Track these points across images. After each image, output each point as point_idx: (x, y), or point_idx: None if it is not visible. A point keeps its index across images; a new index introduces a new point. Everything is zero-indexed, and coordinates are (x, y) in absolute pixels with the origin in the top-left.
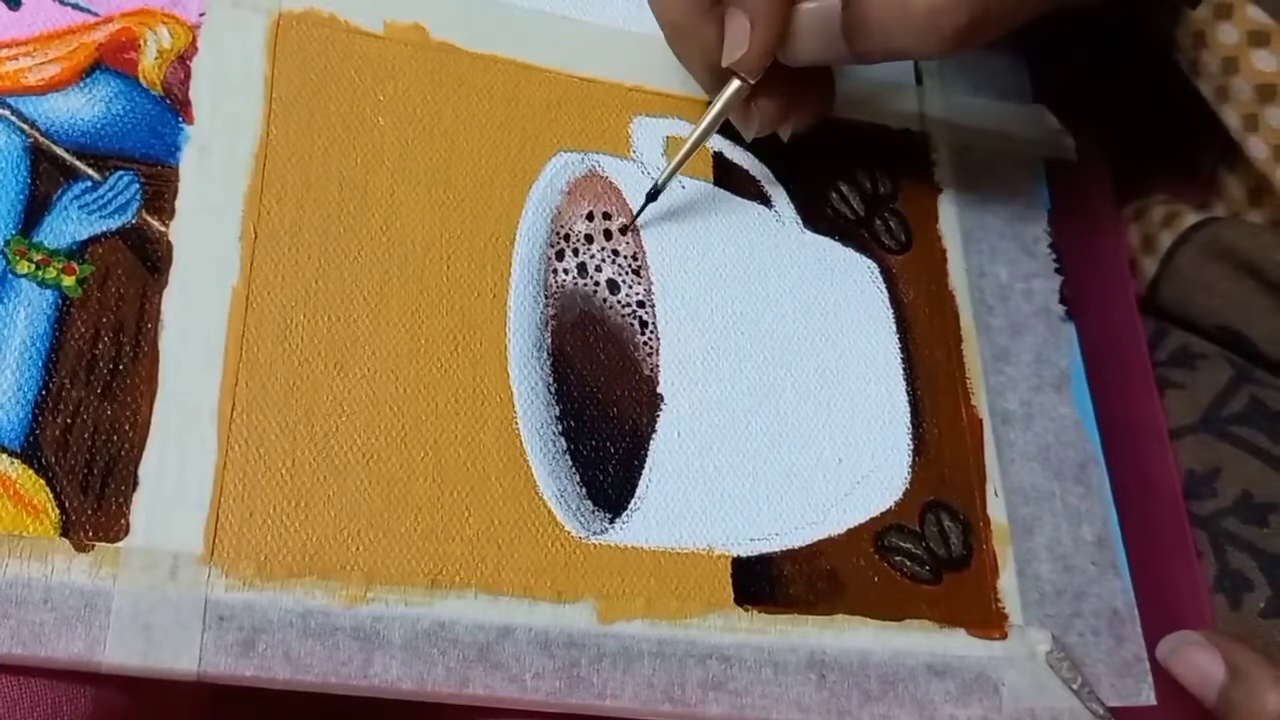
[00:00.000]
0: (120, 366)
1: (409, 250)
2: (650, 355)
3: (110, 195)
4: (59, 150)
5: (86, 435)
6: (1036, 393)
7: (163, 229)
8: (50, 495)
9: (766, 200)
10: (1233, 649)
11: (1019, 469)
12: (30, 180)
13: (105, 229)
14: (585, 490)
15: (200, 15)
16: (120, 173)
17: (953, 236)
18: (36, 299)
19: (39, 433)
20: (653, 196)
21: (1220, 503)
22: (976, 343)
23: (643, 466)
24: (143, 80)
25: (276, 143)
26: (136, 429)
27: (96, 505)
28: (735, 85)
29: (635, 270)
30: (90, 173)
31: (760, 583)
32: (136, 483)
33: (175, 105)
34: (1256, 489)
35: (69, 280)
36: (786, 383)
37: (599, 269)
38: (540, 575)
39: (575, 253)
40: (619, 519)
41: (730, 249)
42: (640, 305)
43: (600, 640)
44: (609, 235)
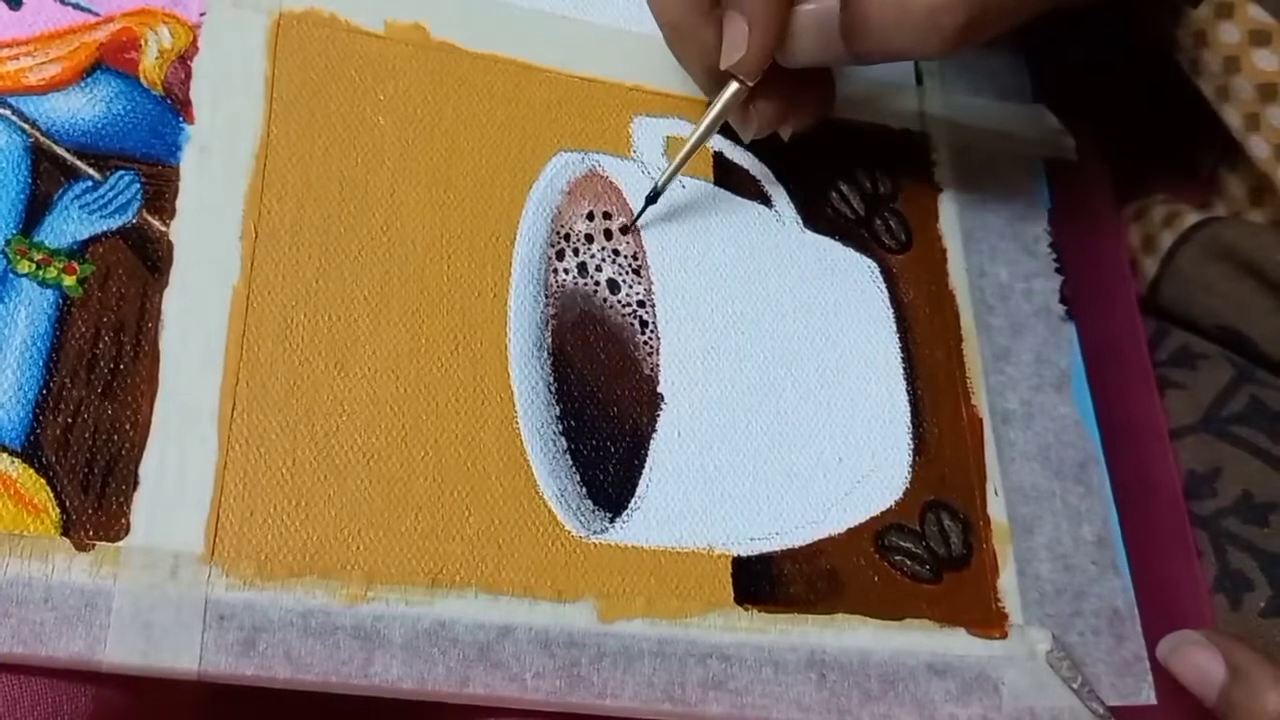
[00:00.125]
0: (121, 366)
1: (409, 250)
2: (650, 355)
3: (111, 195)
4: (60, 150)
5: (87, 435)
6: (1037, 392)
7: (163, 229)
8: (51, 494)
9: (767, 200)
10: (1233, 648)
11: (1019, 468)
12: (31, 180)
13: (106, 228)
14: (585, 490)
15: (201, 15)
16: (121, 172)
17: (953, 236)
18: (37, 298)
19: (40, 432)
20: (653, 199)
21: (1221, 502)
22: (977, 342)
23: (643, 466)
24: (143, 80)
25: (277, 142)
26: (137, 428)
27: (97, 504)
28: (734, 87)
29: (635, 270)
30: (91, 172)
31: (760, 582)
32: (137, 482)
33: (176, 105)
34: (1257, 489)
35: (70, 280)
36: (787, 382)
37: (599, 269)
38: (540, 575)
39: (575, 252)
40: (619, 518)
41: (730, 249)
42: (640, 305)
43: (600, 639)
44: (609, 235)
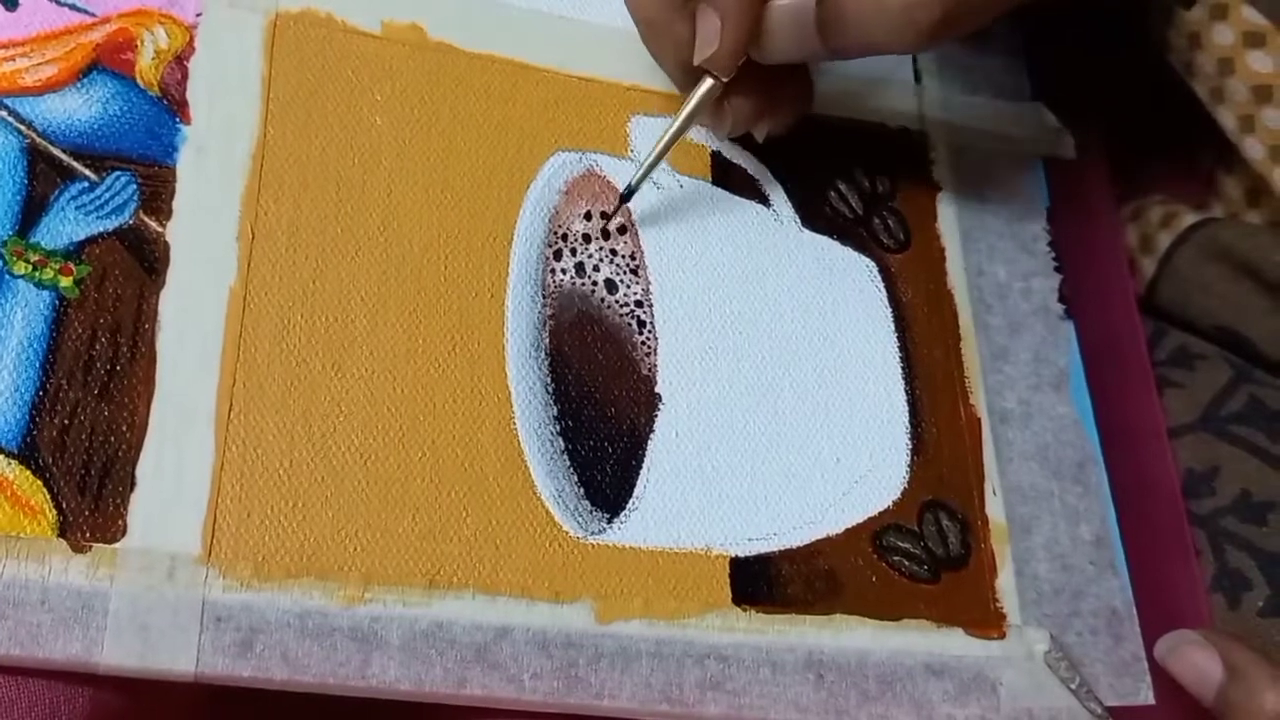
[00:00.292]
0: (118, 367)
1: (406, 250)
2: (648, 355)
3: (107, 196)
4: (56, 151)
5: (84, 436)
6: (1035, 392)
7: (160, 229)
8: (47, 496)
9: (765, 199)
10: (1230, 648)
11: (1017, 468)
12: (27, 181)
13: (102, 229)
14: (583, 490)
15: (197, 15)
16: (117, 173)
17: (951, 235)
18: (34, 300)
19: (36, 433)
20: (626, 197)
21: (1219, 501)
22: (975, 341)
23: (640, 466)
24: (140, 81)
25: (274, 143)
26: (134, 430)
27: (94, 506)
28: (708, 84)
29: (633, 270)
30: (87, 173)
31: (758, 582)
32: (134, 483)
33: (172, 106)
34: (1255, 488)
35: (66, 281)
36: (785, 382)
37: (597, 269)
38: (538, 575)
39: (573, 252)
40: (617, 519)
41: (728, 248)
42: (638, 305)
43: (598, 640)
44: (607, 235)
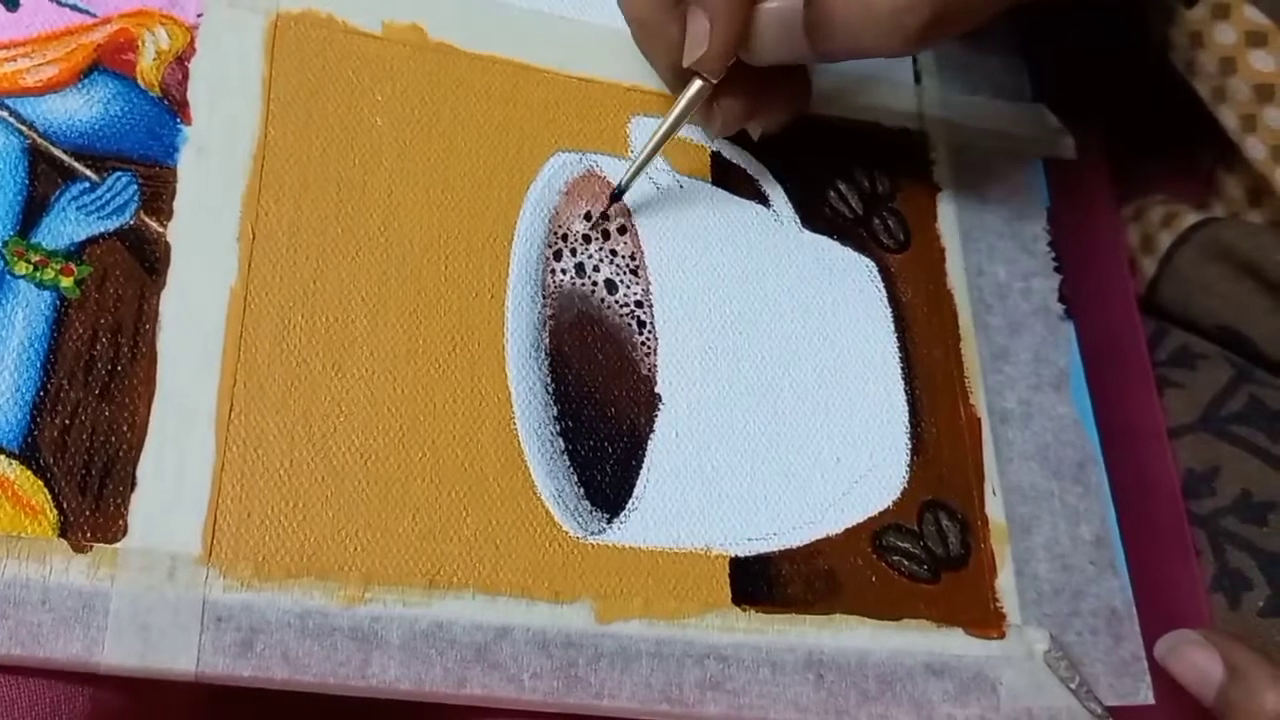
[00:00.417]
0: (118, 367)
1: (407, 250)
2: (648, 355)
3: (108, 196)
4: (57, 151)
5: (85, 436)
6: (1035, 392)
7: (161, 230)
8: (48, 496)
9: (764, 199)
10: (1231, 648)
11: (1017, 468)
12: (28, 181)
13: (103, 230)
14: (583, 490)
15: (198, 16)
16: (118, 174)
17: (951, 235)
18: (34, 300)
19: (37, 434)
20: (617, 196)
21: (1219, 501)
22: (975, 342)
23: (640, 466)
24: (141, 81)
25: (274, 143)
26: (134, 430)
27: (94, 506)
28: (697, 85)
29: (633, 270)
30: (88, 174)
31: (758, 582)
32: (134, 483)
33: (173, 106)
34: (1256, 488)
35: (67, 281)
36: (784, 382)
37: (597, 269)
38: (538, 575)
39: (573, 253)
40: (617, 519)
41: (728, 248)
42: (638, 305)
43: (598, 640)
44: (607, 235)
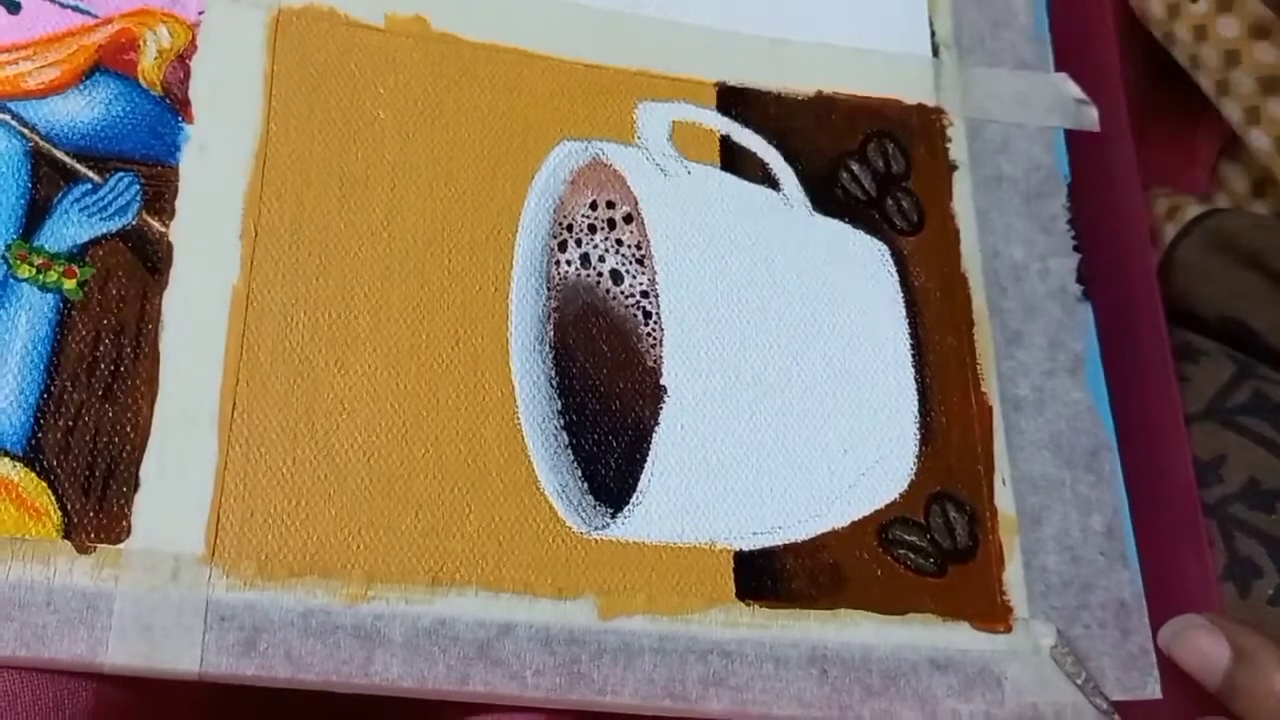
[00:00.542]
0: (121, 368)
1: (410, 245)
2: (654, 347)
3: (111, 197)
4: (59, 154)
5: (88, 437)
6: (1049, 378)
7: (163, 229)
8: (52, 498)
9: (774, 183)
10: (1237, 631)
11: (1029, 457)
12: (31, 184)
13: (106, 231)
14: (587, 485)
15: (199, 13)
16: (120, 174)
17: (966, 215)
18: (38, 303)
19: (41, 436)
20: None
21: (1227, 489)
22: (989, 327)
23: (645, 460)
24: (142, 81)
25: (276, 140)
26: (137, 430)
27: (98, 507)
28: None
29: (639, 260)
30: (90, 175)
31: (762, 577)
32: (138, 484)
33: (175, 105)
34: (1263, 475)
35: (70, 283)
36: (792, 373)
37: (602, 259)
38: (541, 571)
39: (578, 243)
40: (621, 514)
41: (736, 236)
42: (644, 296)
43: (601, 636)
44: (612, 224)
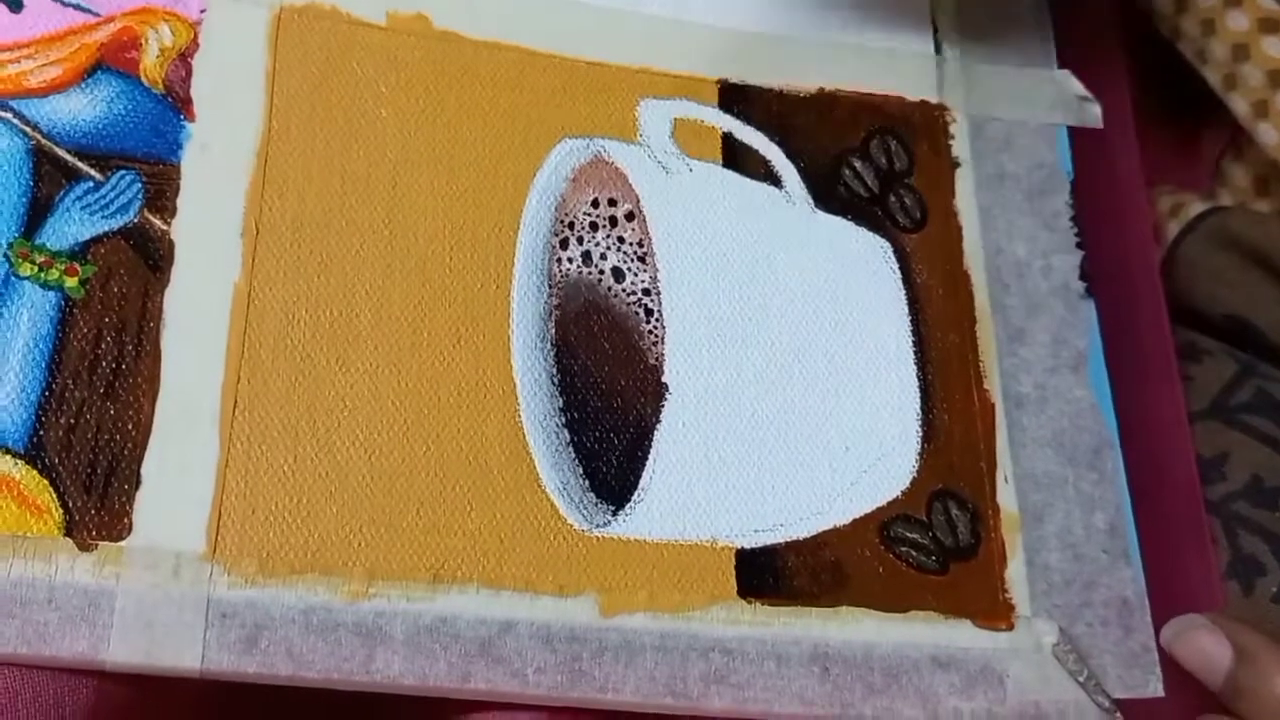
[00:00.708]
0: (122, 366)
1: (411, 242)
2: (655, 344)
3: (112, 195)
4: (61, 152)
5: (89, 435)
6: (1052, 375)
7: (165, 227)
8: (54, 495)
9: (776, 180)
10: (1238, 631)
11: (1031, 454)
12: (32, 182)
13: (107, 229)
14: (588, 482)
15: (201, 12)
16: (122, 172)
17: (969, 212)
18: (39, 301)
19: (42, 434)
20: None
21: (1230, 486)
22: (991, 324)
23: (646, 458)
24: (144, 79)
25: (278, 138)
26: (139, 428)
27: (99, 505)
28: None
29: (640, 257)
30: (92, 173)
31: (764, 575)
32: (139, 482)
33: (177, 103)
34: (1266, 473)
35: (71, 281)
36: (794, 370)
37: (604, 257)
38: (542, 569)
39: (580, 241)
40: (622, 511)
41: (738, 233)
42: (645, 293)
43: (602, 634)
44: (614, 222)
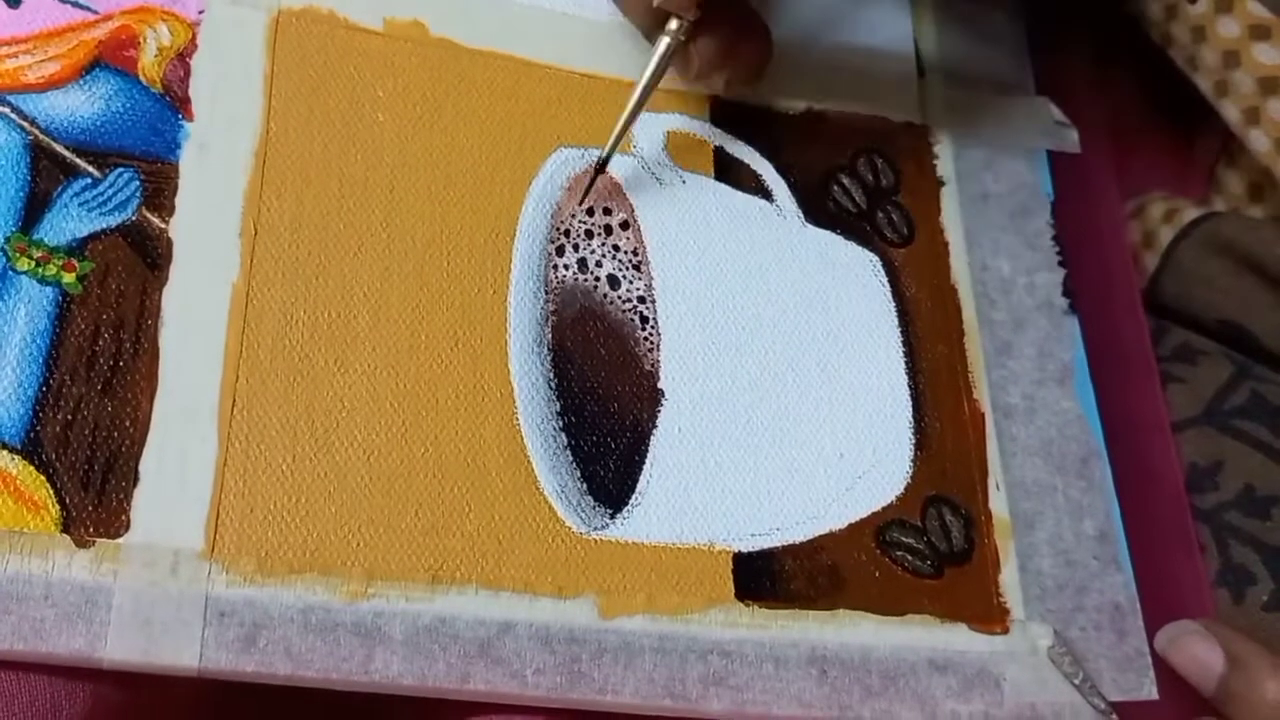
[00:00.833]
0: (120, 363)
1: (409, 246)
2: (651, 350)
3: (110, 192)
4: (59, 147)
5: (87, 431)
6: (1039, 387)
7: (163, 226)
8: (51, 491)
9: (767, 194)
10: (1231, 638)
11: (1021, 463)
12: (30, 177)
13: (105, 226)
14: (586, 486)
15: (200, 12)
16: (120, 170)
17: (955, 229)
18: (37, 296)
19: (40, 429)
20: (601, 168)
21: (1222, 495)
22: (979, 337)
23: (643, 462)
24: (142, 78)
25: (276, 139)
26: (137, 425)
27: (97, 501)
28: (674, 24)
29: (635, 265)
30: (90, 170)
31: (761, 578)
32: (137, 479)
33: (175, 102)
34: (1259, 482)
35: (69, 277)
36: (788, 377)
37: (599, 264)
38: (541, 571)
39: (575, 248)
40: (620, 514)
41: (731, 243)
42: (641, 300)
43: (601, 636)
44: (609, 230)
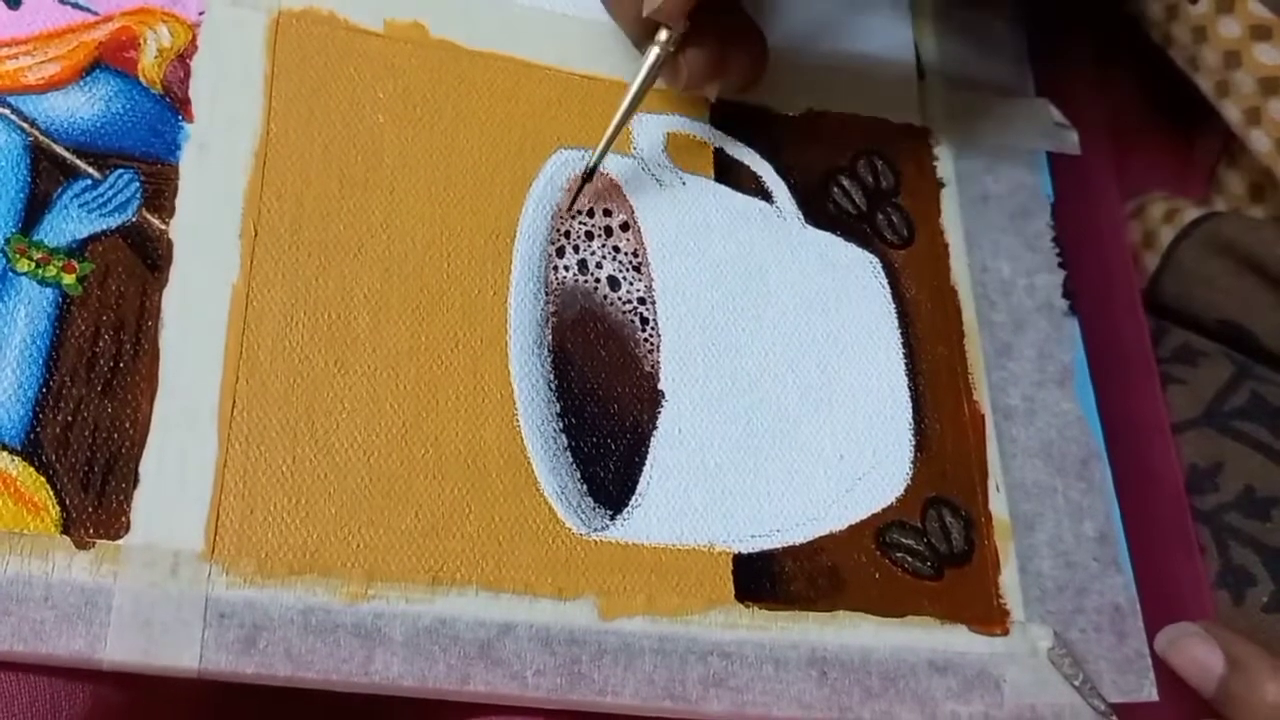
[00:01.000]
0: (120, 364)
1: (409, 247)
2: (651, 352)
3: (110, 193)
4: (59, 149)
5: (87, 433)
6: (1039, 388)
7: (163, 227)
8: (51, 493)
9: (767, 196)
10: (1231, 640)
11: (1021, 465)
12: (30, 179)
13: (105, 227)
14: (586, 487)
15: (200, 14)
16: (120, 171)
17: (955, 231)
18: (37, 297)
19: (39, 430)
20: (588, 176)
21: (1223, 497)
22: (979, 338)
23: (643, 463)
24: (142, 79)
25: (276, 140)
26: (137, 426)
27: (97, 503)
28: (663, 35)
29: (635, 267)
30: (90, 171)
31: (761, 579)
32: (137, 480)
33: (175, 103)
34: (1259, 483)
35: (69, 278)
36: (788, 379)
37: (599, 266)
38: (541, 572)
39: (576, 249)
40: (620, 516)
41: (731, 245)
42: (641, 302)
43: (601, 637)
44: (609, 232)
